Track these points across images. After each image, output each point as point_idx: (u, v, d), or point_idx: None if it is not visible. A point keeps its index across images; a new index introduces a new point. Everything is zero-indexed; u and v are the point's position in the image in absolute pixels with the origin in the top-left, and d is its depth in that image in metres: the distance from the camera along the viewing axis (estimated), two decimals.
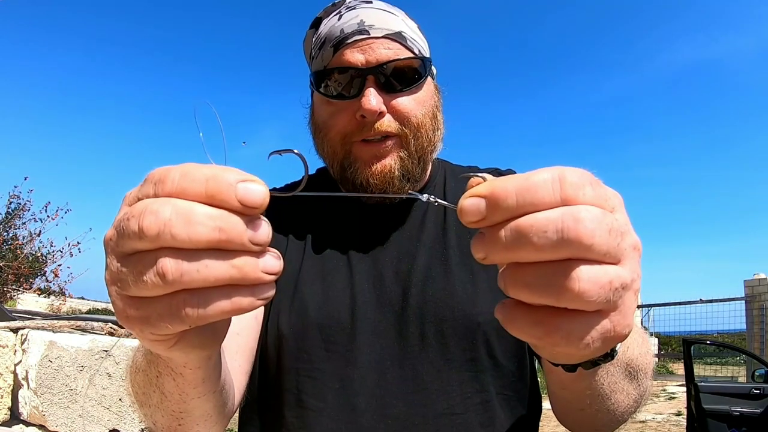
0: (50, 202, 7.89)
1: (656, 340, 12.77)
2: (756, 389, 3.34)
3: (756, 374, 3.71)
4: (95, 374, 2.28)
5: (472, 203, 0.29)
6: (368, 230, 0.77)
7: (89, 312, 10.26)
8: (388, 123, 0.70)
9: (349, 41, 0.70)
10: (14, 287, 7.36)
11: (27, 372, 2.30)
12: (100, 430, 2.25)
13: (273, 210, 0.37)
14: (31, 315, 3.22)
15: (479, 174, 0.31)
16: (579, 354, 0.31)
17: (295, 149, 0.36)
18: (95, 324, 2.64)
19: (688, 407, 3.50)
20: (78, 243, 7.78)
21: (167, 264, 0.28)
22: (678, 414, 6.33)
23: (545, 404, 0.74)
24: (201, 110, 0.42)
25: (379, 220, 0.77)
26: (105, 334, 2.54)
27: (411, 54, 0.72)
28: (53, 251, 7.90)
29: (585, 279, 0.27)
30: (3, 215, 7.73)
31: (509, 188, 0.28)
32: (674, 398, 7.89)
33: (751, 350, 7.26)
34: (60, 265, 7.83)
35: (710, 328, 9.80)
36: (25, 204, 7.81)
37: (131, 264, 0.29)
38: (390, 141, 0.71)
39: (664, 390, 8.83)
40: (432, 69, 0.77)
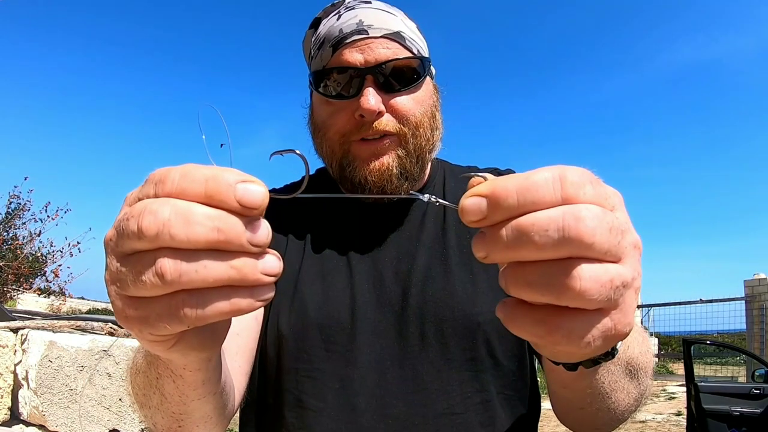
0: (50, 202, 7.93)
1: (656, 340, 12.77)
2: (756, 389, 3.34)
3: (756, 374, 3.71)
4: (95, 374, 2.28)
5: (474, 202, 0.29)
6: (368, 230, 0.77)
7: (89, 312, 10.26)
8: (387, 122, 0.70)
9: (348, 41, 0.70)
10: (14, 287, 7.37)
11: (27, 372, 2.30)
12: (100, 430, 2.25)
13: (273, 210, 0.37)
14: (31, 315, 3.22)
15: (480, 174, 0.31)
16: (580, 352, 0.31)
17: (297, 150, 0.36)
18: (95, 324, 2.64)
19: (688, 407, 3.51)
20: (78, 243, 7.80)
21: (166, 264, 0.28)
22: (678, 414, 6.33)
23: (545, 404, 0.74)
24: (203, 112, 0.42)
25: (379, 220, 0.77)
26: (105, 334, 2.54)
27: (410, 54, 0.72)
28: (53, 251, 7.93)
29: (586, 277, 0.27)
30: (3, 215, 7.75)
31: (510, 187, 0.28)
32: (674, 398, 7.90)
33: (751, 350, 7.27)
34: (60, 265, 7.86)
35: (710, 328, 9.82)
36: (25, 204, 7.84)
37: (130, 264, 0.29)
38: (388, 139, 0.71)
39: (664, 390, 8.83)
40: (431, 69, 0.77)
